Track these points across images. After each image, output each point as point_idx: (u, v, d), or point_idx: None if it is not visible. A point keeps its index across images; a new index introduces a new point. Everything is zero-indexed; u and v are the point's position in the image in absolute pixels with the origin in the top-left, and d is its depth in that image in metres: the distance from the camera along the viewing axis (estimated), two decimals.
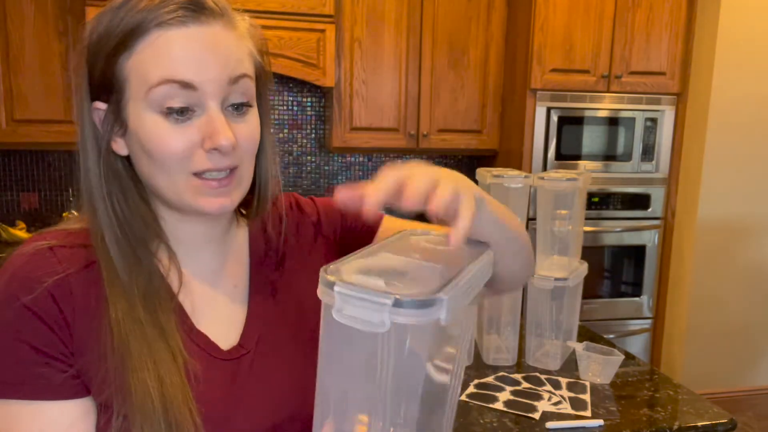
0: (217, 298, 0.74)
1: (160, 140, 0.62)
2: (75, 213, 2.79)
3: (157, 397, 0.61)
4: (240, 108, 0.66)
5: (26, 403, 0.61)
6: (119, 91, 0.64)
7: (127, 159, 0.68)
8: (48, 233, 0.67)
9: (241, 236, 0.79)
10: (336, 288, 0.45)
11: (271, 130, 0.75)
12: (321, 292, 0.46)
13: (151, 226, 0.69)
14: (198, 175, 0.64)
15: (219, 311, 0.73)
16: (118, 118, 0.65)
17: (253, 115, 0.68)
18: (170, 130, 0.62)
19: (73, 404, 0.63)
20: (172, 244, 0.71)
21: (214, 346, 0.70)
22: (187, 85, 0.61)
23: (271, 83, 0.75)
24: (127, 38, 0.62)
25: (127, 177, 0.68)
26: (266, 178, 0.74)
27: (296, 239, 0.82)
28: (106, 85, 0.65)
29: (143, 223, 0.68)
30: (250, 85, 0.67)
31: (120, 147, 0.67)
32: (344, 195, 0.55)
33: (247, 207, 0.77)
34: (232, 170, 0.66)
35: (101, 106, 0.66)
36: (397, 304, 0.43)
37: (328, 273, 0.47)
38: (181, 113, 0.62)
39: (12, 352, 0.61)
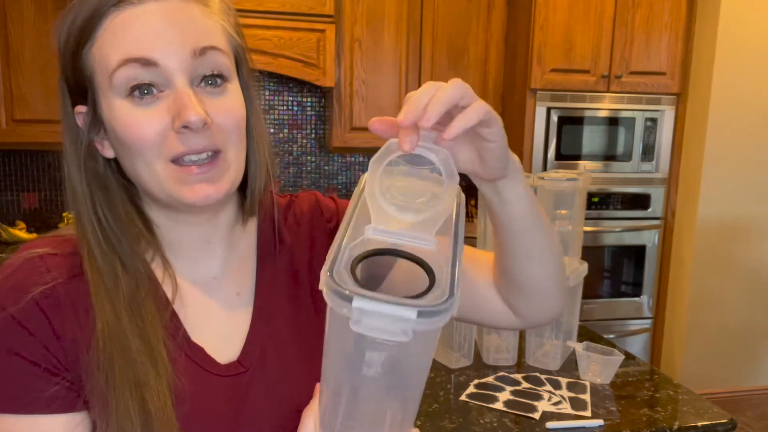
0: (217, 307, 0.69)
1: (131, 127, 0.58)
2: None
3: (137, 418, 0.58)
4: (214, 82, 0.61)
5: (14, 417, 0.58)
6: (91, 87, 0.61)
7: (117, 163, 0.64)
8: (42, 240, 0.64)
9: (248, 238, 0.73)
10: (355, 303, 0.43)
11: (262, 119, 0.70)
12: (334, 303, 0.44)
13: (142, 232, 0.65)
14: (176, 162, 0.60)
15: (218, 322, 0.68)
16: (95, 117, 0.62)
17: (231, 92, 0.62)
18: (139, 114, 0.58)
19: (64, 418, 0.60)
20: (168, 249, 0.67)
21: (210, 361, 0.65)
22: (147, 63, 0.57)
23: (254, 69, 0.69)
24: (87, 27, 0.59)
25: (115, 181, 0.65)
26: (254, 168, 0.68)
27: (310, 242, 0.76)
28: (79, 84, 0.62)
29: (132, 230, 0.64)
30: (222, 59, 0.61)
31: (106, 149, 0.64)
32: (378, 125, 0.53)
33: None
34: (216, 154, 0.61)
35: (82, 109, 0.63)
36: (421, 315, 0.43)
37: (337, 281, 0.44)
38: (147, 93, 0.58)
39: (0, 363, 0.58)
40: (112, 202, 0.64)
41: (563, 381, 1.50)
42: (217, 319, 0.68)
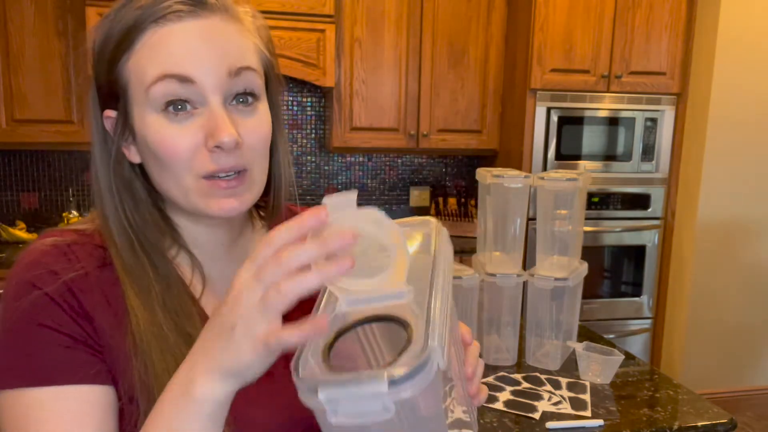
0: None
1: (165, 141, 0.60)
2: (75, 213, 2.77)
3: None
4: (246, 100, 0.63)
5: (50, 389, 0.58)
6: (124, 96, 0.62)
7: (141, 167, 0.66)
8: (62, 232, 0.65)
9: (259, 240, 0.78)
10: (321, 395, 0.39)
11: (285, 133, 0.72)
12: (305, 399, 0.40)
13: (168, 233, 0.67)
14: (207, 178, 0.62)
15: None
16: (126, 125, 0.64)
17: (261, 111, 0.65)
18: (173, 129, 0.60)
19: (97, 389, 0.60)
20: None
21: None
22: (185, 79, 0.59)
23: (282, 84, 0.71)
24: (125, 39, 0.60)
25: (141, 186, 0.67)
26: (279, 181, 0.72)
27: None
28: (112, 91, 0.63)
29: (158, 231, 0.66)
30: (255, 79, 0.63)
31: (132, 154, 0.65)
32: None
33: (263, 209, 0.75)
34: (242, 172, 0.63)
35: (111, 114, 0.65)
36: (394, 383, 0.39)
37: (301, 378, 0.41)
38: (181, 108, 0.60)
39: (31, 338, 0.58)
40: (138, 204, 0.66)
41: (563, 381, 1.50)
42: None
